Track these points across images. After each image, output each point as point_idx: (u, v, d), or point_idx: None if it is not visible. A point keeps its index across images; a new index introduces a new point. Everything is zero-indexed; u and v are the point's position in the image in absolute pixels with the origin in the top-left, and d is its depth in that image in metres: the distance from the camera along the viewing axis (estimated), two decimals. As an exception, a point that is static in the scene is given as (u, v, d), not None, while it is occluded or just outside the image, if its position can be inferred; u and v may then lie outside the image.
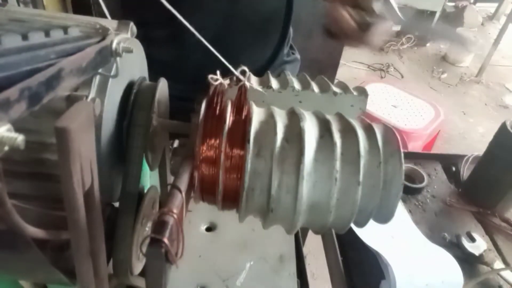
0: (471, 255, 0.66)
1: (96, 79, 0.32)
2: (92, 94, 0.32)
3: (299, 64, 0.90)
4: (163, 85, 0.41)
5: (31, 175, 0.31)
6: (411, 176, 0.84)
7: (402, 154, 0.34)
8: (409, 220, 0.72)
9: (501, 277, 0.64)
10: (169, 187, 0.31)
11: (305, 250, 0.80)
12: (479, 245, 0.67)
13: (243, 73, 0.42)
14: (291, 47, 0.88)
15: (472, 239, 0.68)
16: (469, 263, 0.66)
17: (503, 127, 0.74)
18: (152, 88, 0.39)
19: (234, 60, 0.76)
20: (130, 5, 0.74)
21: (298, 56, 0.89)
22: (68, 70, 0.25)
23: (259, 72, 0.77)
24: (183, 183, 0.32)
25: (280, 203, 0.33)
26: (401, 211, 0.74)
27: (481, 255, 0.65)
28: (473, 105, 2.99)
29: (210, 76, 0.40)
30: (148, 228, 0.42)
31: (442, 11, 3.49)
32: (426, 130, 1.94)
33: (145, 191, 0.41)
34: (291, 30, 0.84)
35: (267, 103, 0.43)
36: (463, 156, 0.89)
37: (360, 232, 0.64)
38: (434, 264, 0.63)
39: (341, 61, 2.28)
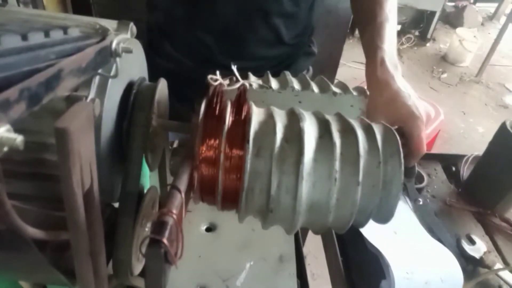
0: (472, 258, 0.66)
1: (96, 80, 0.32)
2: (91, 95, 0.32)
3: (314, 58, 0.89)
4: (162, 86, 0.41)
5: (31, 175, 0.32)
6: (411, 176, 0.84)
7: (402, 154, 0.34)
8: (412, 216, 0.72)
9: (500, 277, 0.64)
10: (168, 188, 0.31)
11: (305, 250, 0.80)
12: (479, 247, 0.67)
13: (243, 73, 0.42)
14: (309, 40, 0.87)
15: (472, 242, 0.68)
16: (470, 266, 0.66)
17: (503, 127, 0.74)
18: (151, 89, 0.39)
19: (247, 50, 0.75)
20: None
21: (315, 49, 0.88)
22: (67, 71, 0.25)
23: (271, 64, 0.75)
24: (183, 184, 0.32)
25: (279, 203, 0.33)
26: (404, 208, 0.74)
27: (481, 258, 0.65)
28: (473, 105, 2.99)
29: (209, 76, 0.40)
30: (147, 228, 0.43)
31: (442, 11, 3.49)
32: (426, 130, 1.94)
33: (145, 191, 0.41)
34: (312, 26, 0.83)
35: (266, 103, 0.43)
36: (463, 156, 0.89)
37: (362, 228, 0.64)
38: (434, 261, 0.63)
39: (341, 61, 2.28)
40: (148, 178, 0.59)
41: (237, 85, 0.41)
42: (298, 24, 0.76)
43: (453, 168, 0.89)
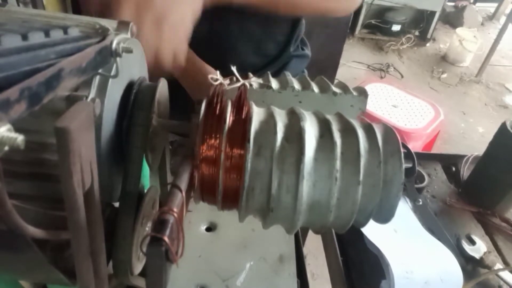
0: (472, 258, 0.66)
1: (96, 79, 0.32)
2: (92, 94, 0.32)
3: (308, 60, 0.87)
4: (163, 85, 0.41)
5: (31, 175, 0.31)
6: (411, 176, 0.84)
7: (402, 154, 0.34)
8: (412, 215, 0.72)
9: (500, 278, 0.64)
10: (169, 186, 0.31)
11: (305, 250, 0.80)
12: (479, 247, 0.67)
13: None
14: (302, 42, 0.86)
15: (472, 242, 0.68)
16: (470, 266, 0.66)
17: (503, 127, 0.74)
18: (152, 88, 0.39)
19: (233, 54, 0.74)
20: None
21: (308, 52, 0.87)
22: (68, 70, 0.25)
23: (261, 68, 0.74)
24: (183, 183, 0.32)
25: (280, 202, 0.33)
26: (404, 207, 0.74)
27: (481, 258, 0.65)
28: (473, 105, 2.99)
29: (210, 76, 0.40)
30: (148, 228, 0.43)
31: (442, 11, 3.49)
32: (426, 130, 1.94)
33: (145, 191, 0.42)
34: (302, 26, 0.81)
35: (267, 103, 0.43)
36: (463, 156, 0.89)
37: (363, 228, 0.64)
38: (434, 260, 0.63)
39: (341, 61, 2.28)
40: (148, 178, 0.59)
41: (238, 84, 0.41)
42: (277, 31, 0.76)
43: (453, 168, 0.89)
